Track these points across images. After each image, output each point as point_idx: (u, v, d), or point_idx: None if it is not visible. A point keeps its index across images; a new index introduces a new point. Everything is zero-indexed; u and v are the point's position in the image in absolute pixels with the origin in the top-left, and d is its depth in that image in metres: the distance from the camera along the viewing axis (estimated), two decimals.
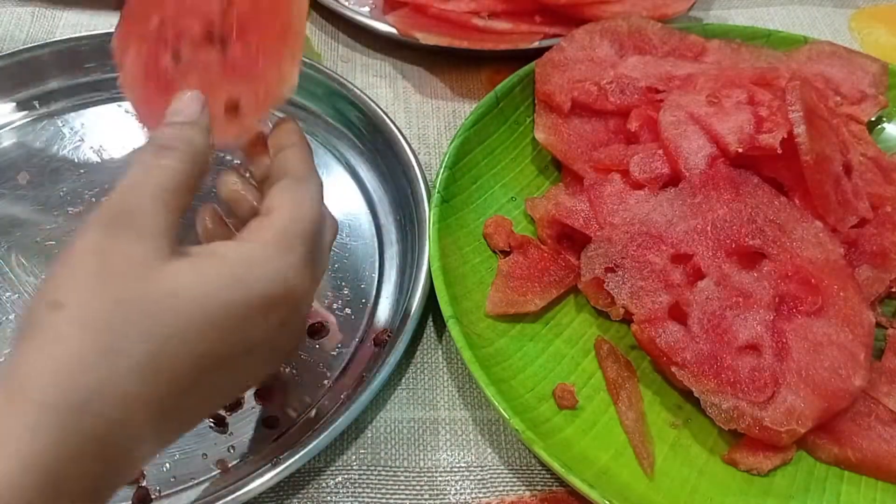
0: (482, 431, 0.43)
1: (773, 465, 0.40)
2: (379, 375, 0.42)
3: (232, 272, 0.30)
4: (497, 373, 0.42)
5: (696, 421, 0.43)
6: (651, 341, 0.42)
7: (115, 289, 0.28)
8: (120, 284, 0.28)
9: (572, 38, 0.56)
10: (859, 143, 0.51)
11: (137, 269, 0.28)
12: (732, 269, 0.43)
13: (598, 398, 0.43)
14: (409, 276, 0.48)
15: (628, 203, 0.46)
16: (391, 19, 0.61)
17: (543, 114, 0.53)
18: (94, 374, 0.26)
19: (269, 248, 0.31)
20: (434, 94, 0.62)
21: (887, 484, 0.40)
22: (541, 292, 0.46)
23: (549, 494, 0.41)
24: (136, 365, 0.27)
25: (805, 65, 0.56)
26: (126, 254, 0.28)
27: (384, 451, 0.42)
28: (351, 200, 0.54)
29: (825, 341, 0.41)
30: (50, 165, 0.54)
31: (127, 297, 0.28)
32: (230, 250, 0.31)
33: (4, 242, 0.50)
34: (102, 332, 0.27)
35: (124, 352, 0.27)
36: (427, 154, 0.57)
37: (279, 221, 0.32)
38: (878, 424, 0.41)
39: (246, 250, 0.31)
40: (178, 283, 0.29)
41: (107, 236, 0.29)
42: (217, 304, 0.29)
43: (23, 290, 0.48)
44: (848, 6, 0.71)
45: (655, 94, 0.51)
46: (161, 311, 0.28)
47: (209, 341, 0.29)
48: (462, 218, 0.49)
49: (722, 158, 0.45)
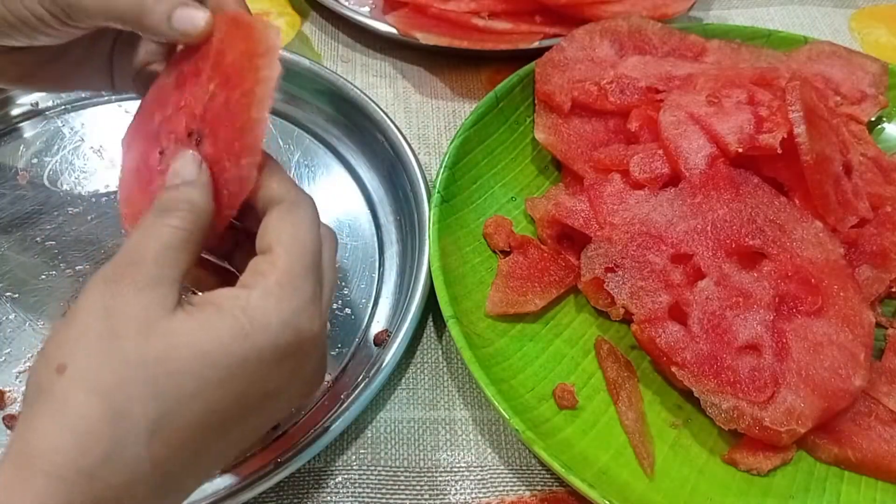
0: (482, 431, 0.43)
1: (773, 465, 0.40)
2: (379, 375, 0.42)
3: (239, 325, 0.29)
4: (497, 373, 0.42)
5: (696, 421, 0.43)
6: (651, 341, 0.42)
7: (120, 350, 0.27)
8: (125, 345, 0.27)
9: (572, 38, 0.56)
10: (859, 143, 0.51)
11: (142, 326, 0.28)
12: (732, 269, 0.43)
13: (598, 398, 0.43)
14: (409, 276, 0.48)
15: (628, 203, 0.46)
16: (391, 19, 0.61)
17: (543, 114, 0.53)
18: (103, 442, 0.26)
19: (273, 295, 0.30)
20: (434, 94, 0.62)
21: (887, 484, 0.40)
22: (541, 292, 0.46)
23: (549, 494, 0.41)
24: (145, 429, 0.27)
25: (805, 65, 0.56)
26: (130, 311, 0.28)
27: (384, 451, 0.42)
28: (351, 200, 0.54)
29: (825, 341, 0.41)
30: (50, 165, 0.55)
31: (132, 359, 0.27)
32: (235, 300, 0.30)
33: (4, 243, 0.50)
34: (109, 397, 0.27)
35: (132, 416, 0.27)
36: (427, 154, 0.57)
37: (281, 261, 0.31)
38: (878, 424, 0.41)
39: (252, 300, 0.30)
40: (184, 340, 0.28)
41: (111, 294, 0.28)
42: (225, 361, 0.28)
43: (23, 289, 0.48)
44: (848, 6, 0.71)
45: (655, 94, 0.51)
46: (168, 371, 0.27)
47: (218, 399, 0.29)
48: (462, 218, 0.49)
49: (722, 158, 0.45)
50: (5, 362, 0.45)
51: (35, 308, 0.47)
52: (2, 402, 0.43)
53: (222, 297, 0.30)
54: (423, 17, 0.62)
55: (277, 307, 0.30)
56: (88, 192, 0.53)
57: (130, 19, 0.35)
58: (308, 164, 0.56)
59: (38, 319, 0.46)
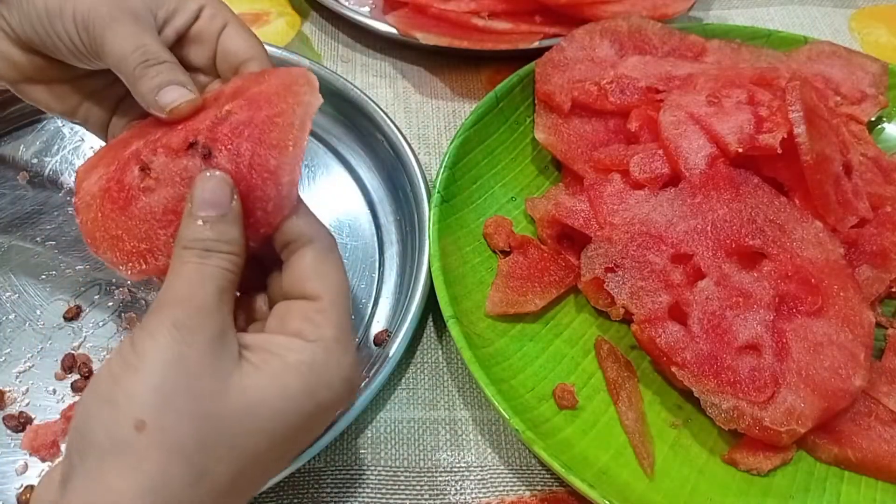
0: (482, 431, 0.43)
1: (773, 465, 0.40)
2: (379, 375, 0.42)
3: (307, 385, 0.30)
4: (497, 373, 0.42)
5: (696, 421, 0.43)
6: (651, 341, 0.42)
7: (200, 409, 0.27)
8: (206, 404, 0.27)
9: (572, 38, 0.56)
10: (859, 143, 0.51)
11: (219, 383, 0.28)
12: (732, 269, 0.43)
13: (598, 398, 0.43)
14: (409, 276, 0.48)
15: (628, 203, 0.46)
16: (391, 19, 0.61)
17: (543, 114, 0.53)
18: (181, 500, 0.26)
19: (335, 354, 0.31)
20: (434, 94, 0.62)
21: (887, 484, 0.40)
22: (541, 292, 0.46)
23: (549, 494, 0.41)
24: (221, 486, 0.28)
25: (805, 65, 0.56)
26: (206, 362, 0.28)
27: (384, 451, 0.42)
28: (351, 200, 0.54)
29: (825, 341, 0.41)
30: (50, 165, 0.54)
31: (213, 419, 0.27)
32: (298, 354, 0.30)
33: (5, 243, 0.50)
34: (192, 459, 0.27)
35: (214, 476, 0.27)
36: (427, 154, 0.57)
37: (333, 314, 0.31)
38: (878, 424, 0.41)
39: (318, 357, 0.30)
40: (258, 397, 0.29)
41: (186, 343, 0.28)
42: (295, 420, 0.30)
43: (22, 290, 0.48)
44: (848, 6, 0.71)
45: (655, 94, 0.51)
46: (247, 431, 0.28)
47: (282, 451, 0.30)
48: (462, 218, 0.49)
49: (722, 158, 0.45)
50: (5, 362, 0.45)
51: (35, 308, 0.47)
52: (2, 402, 0.43)
53: (282, 349, 0.30)
54: (423, 17, 0.62)
55: (339, 365, 0.31)
56: None
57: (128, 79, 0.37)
58: (308, 164, 0.56)
59: (38, 319, 0.46)
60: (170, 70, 0.36)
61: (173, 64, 0.37)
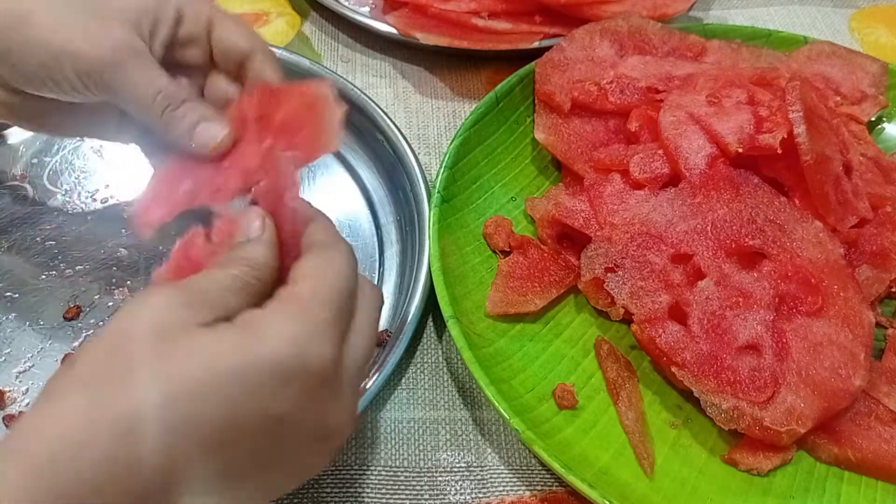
0: (482, 431, 0.43)
1: (773, 465, 0.40)
2: (379, 375, 0.42)
3: (239, 336, 0.29)
4: (497, 373, 0.42)
5: (696, 421, 0.43)
6: (651, 341, 0.42)
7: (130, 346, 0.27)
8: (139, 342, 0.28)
9: (572, 38, 0.56)
10: (859, 143, 0.51)
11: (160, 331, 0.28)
12: (732, 269, 0.43)
13: (598, 398, 0.43)
14: (409, 276, 0.48)
15: (628, 203, 0.46)
16: (391, 19, 0.61)
17: (543, 114, 0.53)
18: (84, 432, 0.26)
19: (282, 314, 0.30)
20: (434, 94, 0.62)
21: (887, 484, 0.40)
22: (541, 292, 0.46)
23: (549, 494, 0.41)
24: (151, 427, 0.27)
25: (805, 65, 0.56)
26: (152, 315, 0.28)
27: (384, 451, 0.42)
28: (351, 200, 0.54)
29: (825, 341, 0.41)
30: (50, 165, 0.54)
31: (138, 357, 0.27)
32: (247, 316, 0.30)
33: (4, 242, 0.50)
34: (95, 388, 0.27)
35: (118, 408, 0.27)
36: (427, 154, 0.57)
37: (303, 290, 0.31)
38: (878, 424, 0.41)
39: (257, 316, 0.30)
40: (193, 346, 0.28)
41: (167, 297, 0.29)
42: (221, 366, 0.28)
43: (23, 290, 0.48)
44: (848, 6, 0.71)
45: (655, 94, 0.51)
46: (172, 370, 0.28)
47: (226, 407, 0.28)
48: (462, 218, 0.49)
49: (722, 158, 0.45)
50: (5, 362, 0.45)
51: (35, 308, 0.47)
52: (2, 402, 0.43)
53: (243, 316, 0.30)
54: (423, 17, 0.62)
55: (282, 324, 0.29)
56: (88, 192, 0.53)
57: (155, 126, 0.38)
58: (308, 164, 0.56)
59: (39, 319, 0.46)
60: (193, 108, 0.37)
61: (191, 98, 0.38)
